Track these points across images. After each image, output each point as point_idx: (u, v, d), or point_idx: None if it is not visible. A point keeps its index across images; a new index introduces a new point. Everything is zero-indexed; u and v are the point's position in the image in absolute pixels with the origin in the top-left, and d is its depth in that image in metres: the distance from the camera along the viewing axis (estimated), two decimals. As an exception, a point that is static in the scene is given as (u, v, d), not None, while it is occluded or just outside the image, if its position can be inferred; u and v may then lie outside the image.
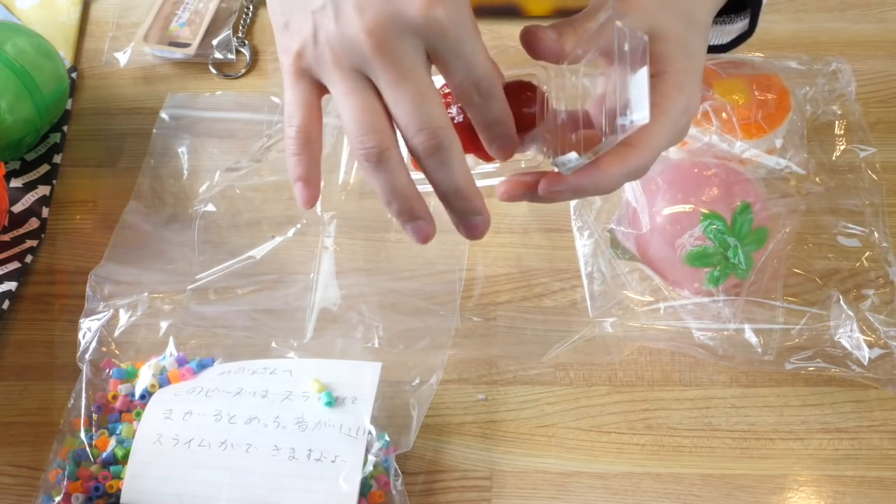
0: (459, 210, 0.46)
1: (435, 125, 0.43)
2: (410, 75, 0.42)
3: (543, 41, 0.47)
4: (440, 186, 0.45)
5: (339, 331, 0.63)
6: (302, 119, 0.46)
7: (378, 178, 0.44)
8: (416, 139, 0.43)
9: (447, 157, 0.43)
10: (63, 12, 0.83)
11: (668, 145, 0.48)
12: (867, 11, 0.80)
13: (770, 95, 0.65)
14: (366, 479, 0.54)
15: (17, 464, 0.60)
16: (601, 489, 0.57)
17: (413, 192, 0.45)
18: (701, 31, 0.49)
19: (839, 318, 0.60)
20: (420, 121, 0.43)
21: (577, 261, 0.64)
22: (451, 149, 0.43)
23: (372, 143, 0.43)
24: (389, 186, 0.44)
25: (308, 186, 0.47)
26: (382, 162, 0.44)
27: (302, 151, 0.46)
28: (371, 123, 0.43)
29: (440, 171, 0.44)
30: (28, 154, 0.74)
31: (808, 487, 0.57)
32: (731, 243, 0.59)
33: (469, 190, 0.45)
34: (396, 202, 0.45)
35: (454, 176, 0.44)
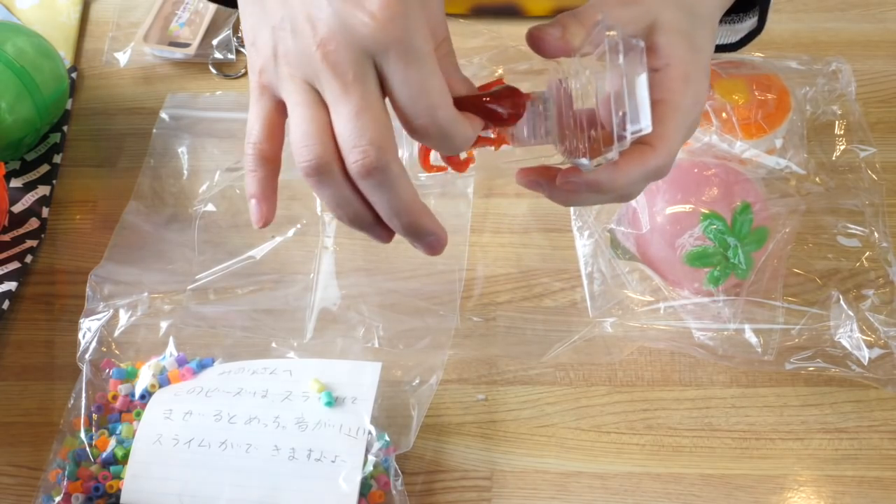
0: (407, 233, 0.44)
1: (369, 142, 0.40)
2: (354, 89, 0.40)
3: (547, 40, 0.46)
4: (379, 209, 0.43)
5: (339, 331, 0.63)
6: (258, 135, 0.45)
7: (318, 192, 0.43)
8: (350, 157, 0.41)
9: (384, 179, 0.41)
10: (63, 12, 0.83)
11: (683, 140, 0.47)
12: (867, 11, 0.80)
13: (770, 95, 0.66)
14: (366, 479, 0.54)
15: (17, 464, 0.60)
16: (601, 489, 0.57)
17: (361, 208, 0.43)
18: (706, 24, 0.49)
19: (839, 318, 0.60)
20: (355, 137, 0.41)
21: (577, 261, 0.64)
22: (388, 169, 0.41)
23: (309, 155, 0.42)
24: (333, 201, 0.43)
25: (261, 205, 0.45)
26: (320, 175, 0.42)
27: (256, 168, 0.45)
28: (312, 136, 0.42)
29: (375, 193, 0.42)
30: (28, 154, 0.74)
31: (808, 487, 0.57)
32: (731, 243, 0.59)
33: (413, 212, 0.43)
34: (340, 214, 0.44)
35: (393, 200, 0.42)
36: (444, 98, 0.41)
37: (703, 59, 0.48)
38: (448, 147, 0.43)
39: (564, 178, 0.46)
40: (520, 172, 0.49)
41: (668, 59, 0.46)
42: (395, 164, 0.41)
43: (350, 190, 0.42)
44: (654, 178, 0.47)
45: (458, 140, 0.42)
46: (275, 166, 0.45)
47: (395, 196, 0.42)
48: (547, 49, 0.46)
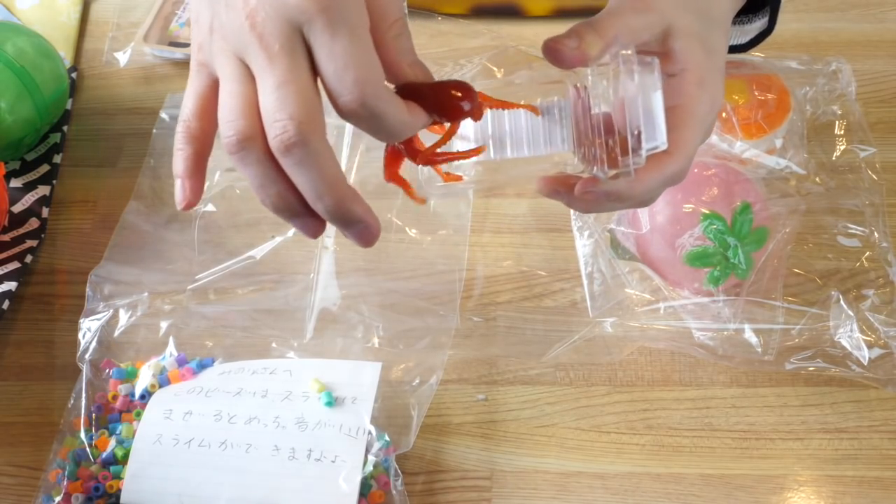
0: (333, 218, 0.41)
1: (289, 116, 0.38)
2: (279, 61, 0.39)
3: (564, 51, 0.45)
4: (303, 192, 0.40)
5: (339, 331, 0.63)
6: (188, 113, 0.43)
7: (242, 171, 0.41)
8: (270, 132, 0.39)
9: (304, 156, 0.39)
10: (63, 12, 0.83)
11: (700, 144, 0.47)
12: (867, 11, 0.80)
13: (770, 95, 0.66)
14: (366, 479, 0.54)
15: (17, 464, 0.60)
16: (601, 489, 0.57)
17: (284, 189, 0.41)
18: (720, 27, 0.49)
19: (839, 318, 0.60)
20: (275, 110, 0.39)
21: (577, 261, 0.64)
22: (308, 145, 0.39)
23: (230, 131, 0.40)
24: (256, 182, 0.41)
25: (185, 183, 0.43)
26: (242, 152, 0.40)
27: (184, 147, 0.43)
28: (235, 110, 0.40)
29: (297, 172, 0.40)
30: (28, 154, 0.74)
31: (808, 487, 0.57)
32: (731, 243, 0.59)
33: (338, 194, 0.40)
34: (264, 197, 0.41)
35: (315, 179, 0.40)
36: (373, 73, 0.39)
37: (718, 61, 0.48)
38: (382, 131, 0.41)
39: (583, 188, 0.46)
40: (540, 181, 0.48)
41: (683, 64, 0.46)
42: (318, 141, 0.39)
43: (273, 169, 0.40)
44: (671, 184, 0.47)
45: (390, 123, 0.40)
46: (203, 145, 0.43)
47: (316, 175, 0.39)
48: (564, 60, 0.45)
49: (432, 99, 0.42)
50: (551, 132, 0.46)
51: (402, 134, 0.41)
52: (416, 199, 0.47)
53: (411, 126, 0.42)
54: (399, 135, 0.41)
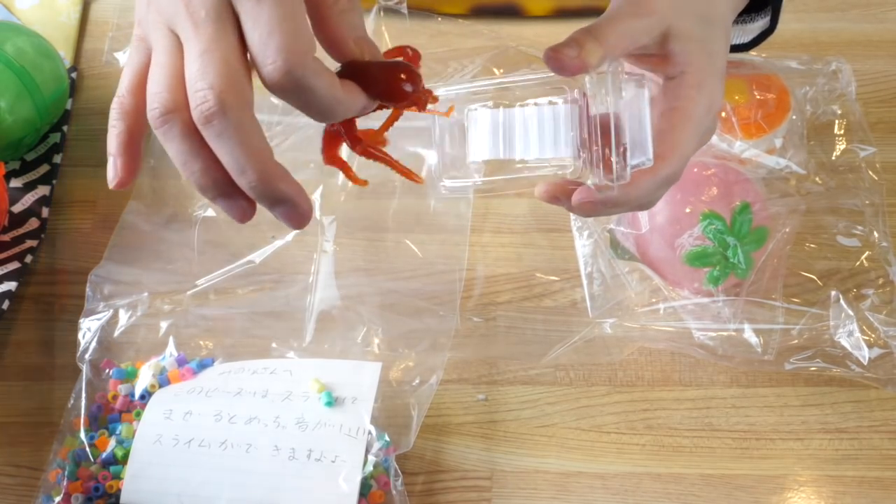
0: (257, 196, 0.39)
1: (209, 85, 0.37)
2: (204, 29, 0.38)
3: (564, 60, 0.45)
4: (227, 167, 0.38)
5: (339, 331, 0.63)
6: (123, 88, 0.42)
7: (166, 147, 0.40)
8: (192, 102, 0.37)
9: (225, 127, 0.37)
10: (63, 12, 0.83)
11: (696, 147, 0.47)
12: (867, 11, 0.80)
13: (770, 95, 0.65)
14: (366, 479, 0.54)
15: (17, 464, 0.60)
16: (601, 489, 0.57)
17: (208, 164, 0.39)
18: (720, 29, 0.49)
19: (839, 318, 0.60)
20: (196, 79, 0.37)
21: (577, 261, 0.64)
22: (229, 115, 0.37)
23: (154, 103, 0.39)
24: (179, 158, 0.39)
25: (116, 162, 0.42)
26: (165, 126, 0.39)
27: (116, 123, 0.42)
28: (160, 82, 0.39)
29: (218, 145, 0.38)
30: (28, 154, 0.74)
31: (808, 487, 0.57)
32: (730, 243, 0.59)
33: (262, 170, 0.38)
34: (189, 174, 0.40)
35: (237, 152, 0.38)
36: (299, 42, 0.37)
37: (717, 63, 0.48)
38: (311, 108, 0.39)
39: (580, 197, 0.46)
40: (540, 187, 0.48)
41: (682, 66, 0.46)
42: (240, 112, 0.37)
43: (197, 143, 0.39)
44: (667, 186, 0.47)
45: (319, 98, 0.38)
46: (136, 122, 0.42)
47: (238, 148, 0.38)
48: (565, 68, 0.45)
49: (374, 79, 0.40)
50: (557, 136, 0.46)
51: (335, 112, 0.39)
52: (358, 181, 0.45)
53: (346, 105, 0.39)
54: (330, 113, 0.39)
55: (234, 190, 0.40)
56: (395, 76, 0.41)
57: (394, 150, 0.49)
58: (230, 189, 0.40)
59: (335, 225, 0.68)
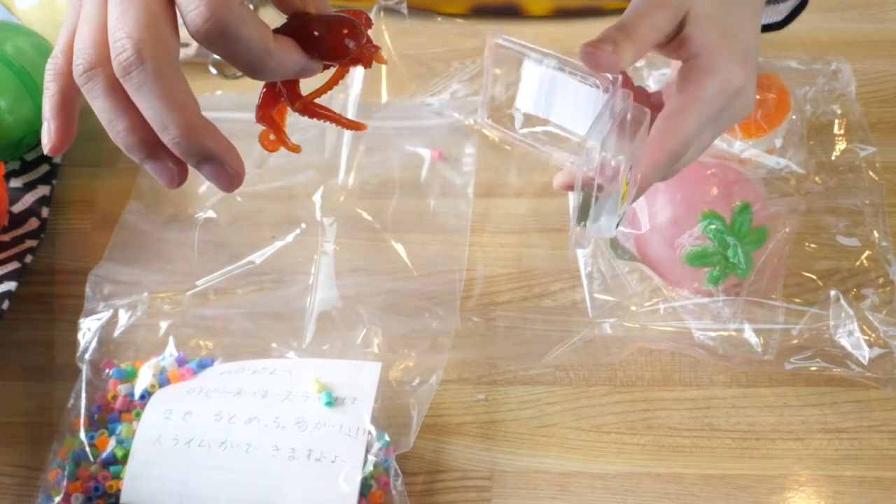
0: (182, 153, 0.37)
1: (127, 35, 0.35)
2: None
3: (601, 56, 0.45)
4: (149, 120, 0.37)
5: (339, 331, 0.63)
6: (58, 49, 0.40)
7: (92, 104, 0.38)
8: (112, 54, 0.36)
9: (145, 78, 0.35)
10: (63, 12, 0.83)
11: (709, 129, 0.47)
12: (867, 11, 0.80)
13: (770, 95, 0.65)
14: (366, 479, 0.54)
15: (16, 464, 0.60)
16: (601, 489, 0.57)
17: (133, 122, 0.37)
18: (744, 9, 0.48)
19: (839, 318, 0.60)
20: (114, 29, 0.36)
21: (577, 261, 0.64)
22: (147, 66, 0.35)
23: (78, 59, 0.37)
24: (105, 116, 0.38)
25: (50, 126, 0.40)
26: (88, 82, 0.37)
27: (49, 84, 0.40)
28: (84, 38, 0.37)
29: (139, 97, 0.36)
30: (28, 154, 0.74)
31: (808, 487, 0.57)
32: (730, 243, 0.59)
33: (184, 124, 0.36)
34: (115, 134, 0.38)
35: (158, 105, 0.36)
36: None
37: (737, 44, 0.47)
38: (239, 60, 0.37)
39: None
40: (558, 176, 0.49)
41: (697, 49, 0.46)
42: (162, 63, 0.35)
43: (121, 99, 0.37)
44: (669, 165, 0.47)
45: (246, 48, 0.36)
46: (71, 82, 0.39)
47: (159, 101, 0.36)
48: (601, 65, 0.45)
49: (313, 36, 0.38)
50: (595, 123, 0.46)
51: (265, 66, 0.37)
52: (290, 146, 0.42)
53: (278, 60, 0.37)
54: (261, 66, 0.37)
55: (161, 150, 0.38)
56: (335, 32, 0.38)
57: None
58: (157, 149, 0.38)
59: (336, 227, 0.68)
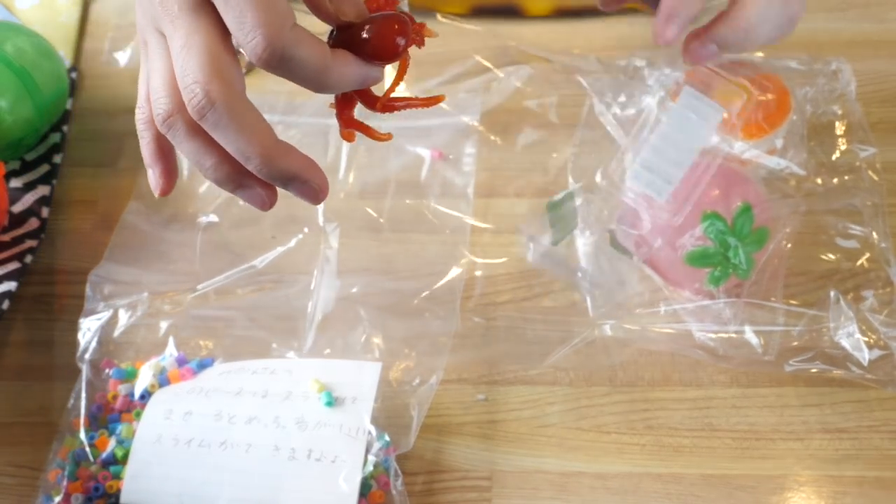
0: (268, 178, 0.39)
1: (194, 80, 0.37)
2: (181, 22, 0.38)
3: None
4: (231, 152, 0.39)
5: (339, 331, 0.63)
6: (140, 98, 0.42)
7: (178, 149, 0.40)
8: (185, 99, 0.38)
9: (219, 117, 0.37)
10: (63, 12, 0.83)
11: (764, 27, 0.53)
12: (867, 11, 0.80)
13: (770, 95, 0.65)
14: (366, 479, 0.54)
15: (17, 464, 0.60)
16: (602, 489, 0.57)
17: (218, 158, 0.39)
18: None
19: (839, 319, 0.60)
20: (181, 76, 0.37)
21: (577, 261, 0.64)
22: (218, 106, 0.37)
23: (157, 111, 0.39)
24: (193, 158, 0.40)
25: (154, 172, 0.43)
26: (170, 129, 0.39)
27: (142, 133, 0.42)
28: (157, 89, 0.39)
29: (219, 136, 0.38)
30: (28, 154, 0.74)
31: (808, 487, 0.57)
32: (731, 243, 0.59)
33: (264, 153, 0.38)
34: (205, 171, 0.40)
35: (238, 140, 0.38)
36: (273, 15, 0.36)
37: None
38: (303, 79, 0.38)
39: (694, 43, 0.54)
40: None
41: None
42: (231, 100, 0.37)
43: (204, 140, 0.39)
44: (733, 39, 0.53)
45: (306, 67, 0.37)
46: None
47: (236, 134, 0.38)
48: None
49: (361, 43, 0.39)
50: None
51: (328, 80, 0.39)
52: (381, 137, 0.43)
53: (339, 72, 0.39)
54: (324, 81, 0.38)
55: (248, 179, 0.40)
56: (385, 33, 0.40)
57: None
58: (245, 179, 0.40)
59: (338, 231, 0.67)
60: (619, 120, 0.65)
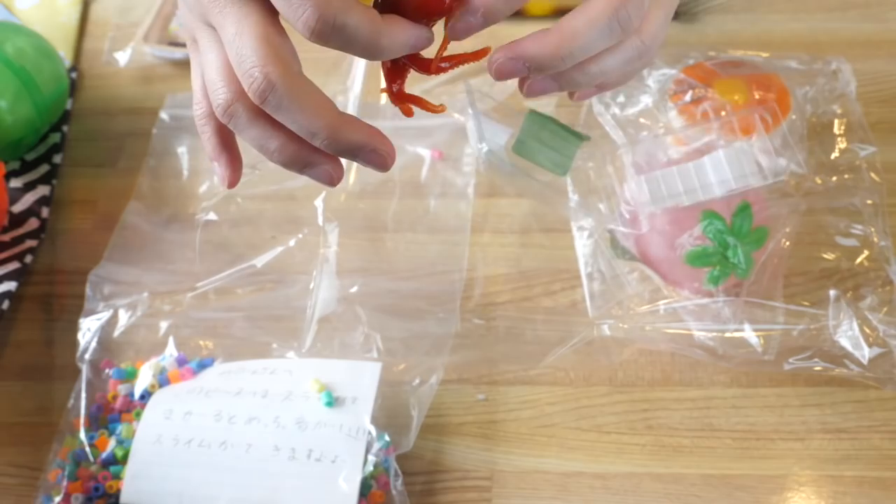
0: (335, 152, 0.40)
1: (252, 64, 0.37)
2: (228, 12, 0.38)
3: None
4: (296, 131, 0.39)
5: (339, 332, 0.63)
6: (196, 94, 0.43)
7: (242, 136, 0.41)
8: (244, 86, 0.38)
9: (281, 98, 0.38)
10: (63, 12, 0.83)
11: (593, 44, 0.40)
12: (867, 11, 0.80)
13: (770, 95, 0.65)
14: (366, 479, 0.54)
15: (17, 464, 0.60)
16: (602, 489, 0.57)
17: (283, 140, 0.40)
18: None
19: (838, 318, 0.60)
20: (238, 63, 0.38)
21: (577, 261, 0.64)
22: (278, 88, 0.37)
23: (216, 102, 0.40)
24: (258, 144, 0.40)
25: (219, 164, 0.43)
26: (232, 118, 0.40)
27: (203, 128, 0.43)
28: (213, 80, 0.40)
29: (283, 116, 0.38)
30: (28, 154, 0.74)
31: (808, 487, 0.57)
32: (730, 243, 0.59)
33: (331, 126, 0.39)
34: (270, 155, 0.40)
35: (302, 119, 0.38)
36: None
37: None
38: (358, 47, 0.38)
39: None
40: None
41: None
42: (290, 79, 0.38)
43: (268, 124, 0.40)
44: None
45: (359, 35, 0.37)
46: (219, 121, 0.41)
47: (300, 113, 0.38)
48: None
49: (407, 3, 0.39)
50: None
51: (381, 45, 0.38)
52: (436, 108, 0.42)
53: (392, 37, 0.38)
54: (377, 47, 0.38)
55: (315, 156, 0.40)
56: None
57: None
58: (311, 156, 0.40)
59: (337, 231, 0.68)
60: (618, 120, 0.65)
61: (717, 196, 0.58)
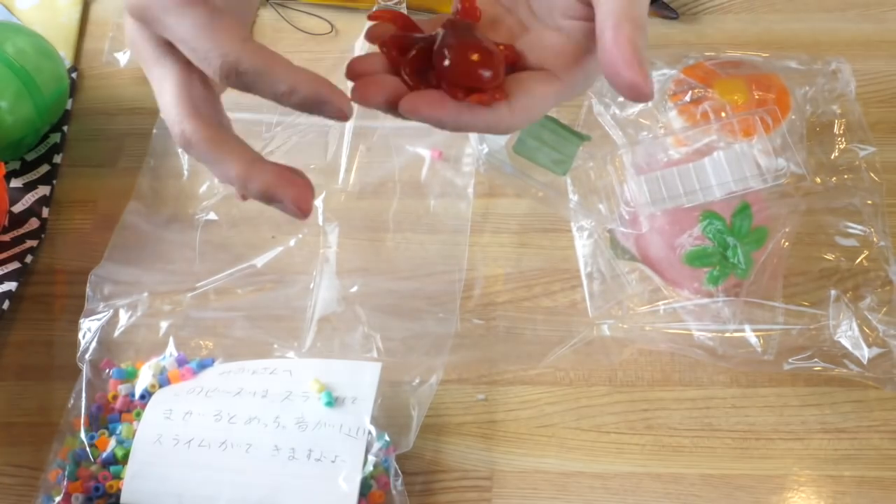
0: (252, 197, 0.40)
1: (171, 122, 0.39)
2: (151, 73, 0.40)
3: None
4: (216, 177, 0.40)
5: (339, 332, 0.63)
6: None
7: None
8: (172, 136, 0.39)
9: (198, 154, 0.39)
10: (63, 13, 0.83)
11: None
12: (867, 11, 0.80)
13: (770, 95, 0.65)
14: (366, 479, 0.54)
15: (17, 464, 0.60)
16: (601, 489, 0.57)
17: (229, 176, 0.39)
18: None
19: (838, 318, 0.60)
20: (164, 118, 0.40)
21: (577, 261, 0.64)
22: (194, 146, 0.39)
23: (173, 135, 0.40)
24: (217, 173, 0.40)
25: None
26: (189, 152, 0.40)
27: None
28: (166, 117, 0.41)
29: (201, 163, 0.39)
30: (28, 154, 0.74)
31: (808, 487, 0.57)
32: (730, 243, 0.59)
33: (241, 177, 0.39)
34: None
35: (215, 169, 0.39)
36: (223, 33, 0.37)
37: None
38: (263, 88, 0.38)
39: None
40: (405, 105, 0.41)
41: None
42: (204, 133, 0.38)
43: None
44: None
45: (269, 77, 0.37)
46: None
47: (216, 165, 0.39)
48: None
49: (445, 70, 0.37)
50: None
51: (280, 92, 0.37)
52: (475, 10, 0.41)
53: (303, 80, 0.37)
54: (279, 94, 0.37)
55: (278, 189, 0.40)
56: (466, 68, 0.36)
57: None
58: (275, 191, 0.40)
59: (337, 231, 0.68)
60: (618, 120, 0.65)
61: (717, 198, 0.58)
